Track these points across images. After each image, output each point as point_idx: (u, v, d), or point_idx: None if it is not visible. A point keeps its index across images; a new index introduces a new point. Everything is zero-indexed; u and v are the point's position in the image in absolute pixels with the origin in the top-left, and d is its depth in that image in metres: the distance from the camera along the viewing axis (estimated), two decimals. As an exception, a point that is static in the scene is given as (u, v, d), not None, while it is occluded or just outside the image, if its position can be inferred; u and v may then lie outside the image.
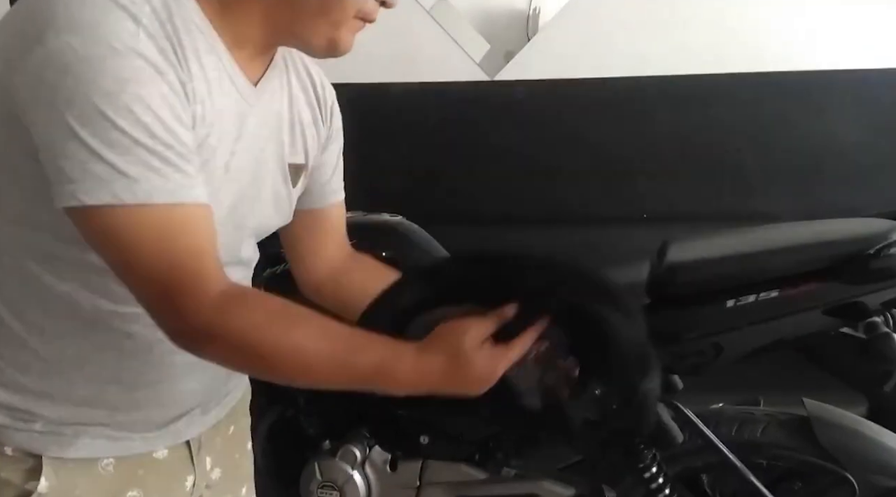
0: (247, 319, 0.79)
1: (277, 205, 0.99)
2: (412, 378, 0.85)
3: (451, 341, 0.86)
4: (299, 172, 1.01)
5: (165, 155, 0.75)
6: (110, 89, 0.72)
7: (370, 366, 0.83)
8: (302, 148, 1.01)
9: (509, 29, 2.74)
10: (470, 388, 0.86)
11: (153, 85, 0.75)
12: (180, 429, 0.98)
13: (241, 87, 0.88)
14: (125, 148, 0.73)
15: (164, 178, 0.75)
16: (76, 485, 0.90)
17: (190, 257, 0.78)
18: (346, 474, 1.59)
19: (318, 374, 0.83)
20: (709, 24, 2.32)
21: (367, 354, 0.83)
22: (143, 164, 0.74)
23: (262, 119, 0.92)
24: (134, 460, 0.95)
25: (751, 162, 2.28)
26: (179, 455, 1.00)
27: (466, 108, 2.36)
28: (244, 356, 0.82)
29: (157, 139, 0.75)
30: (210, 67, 0.83)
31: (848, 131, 2.23)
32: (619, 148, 2.33)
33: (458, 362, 0.85)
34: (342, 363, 0.83)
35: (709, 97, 2.30)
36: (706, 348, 1.32)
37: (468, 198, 2.36)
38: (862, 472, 1.42)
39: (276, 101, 0.96)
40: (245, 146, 0.89)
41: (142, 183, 0.74)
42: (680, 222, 2.15)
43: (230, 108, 0.86)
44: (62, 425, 0.89)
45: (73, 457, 0.90)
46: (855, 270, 1.23)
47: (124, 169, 0.73)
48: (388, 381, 0.84)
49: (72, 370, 0.89)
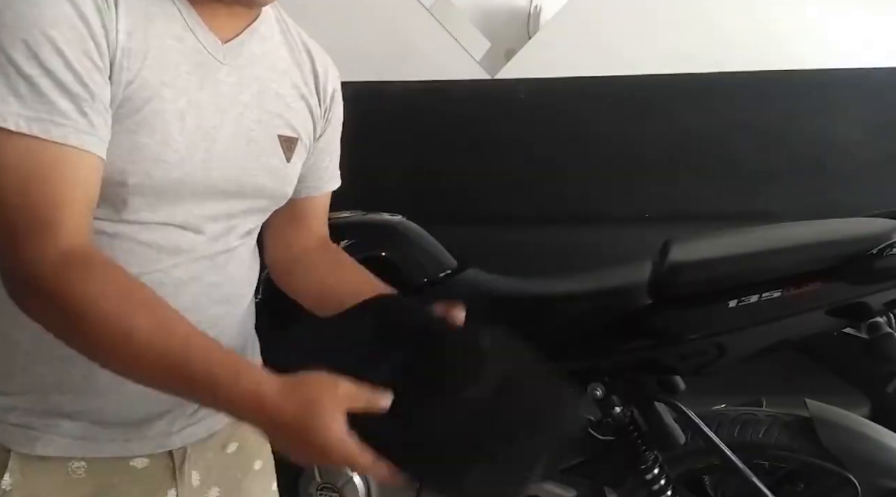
0: (85, 286, 0.74)
1: (270, 175, 0.96)
2: (250, 406, 0.74)
3: (310, 391, 0.74)
4: (292, 145, 0.98)
5: (38, 81, 0.73)
6: (10, 20, 0.72)
7: (204, 378, 0.74)
8: (292, 121, 0.98)
9: (510, 27, 2.74)
10: (304, 448, 0.75)
11: (50, 5, 0.74)
12: (159, 434, 0.94)
13: (203, 38, 0.87)
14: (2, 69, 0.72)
15: (25, 105, 0.73)
16: (41, 484, 0.88)
17: (45, 202, 0.74)
18: (345, 476, 1.58)
19: (145, 368, 0.76)
20: (709, 22, 2.32)
21: (205, 365, 0.75)
22: (8, 85, 0.72)
23: (239, 80, 0.91)
24: (108, 466, 0.91)
25: (753, 161, 2.28)
26: (160, 466, 0.95)
27: (467, 106, 2.35)
28: (66, 323, 0.75)
29: (36, 61, 0.73)
30: (154, 3, 0.82)
31: (850, 130, 2.23)
32: (620, 147, 2.32)
33: (308, 413, 0.73)
34: (172, 366, 0.74)
35: (710, 96, 2.30)
36: (709, 349, 1.32)
37: (468, 197, 2.35)
38: (864, 474, 1.41)
39: (258, 68, 0.94)
40: (215, 103, 0.88)
41: (10, 106, 0.72)
42: (682, 222, 2.15)
43: (185, 54, 0.85)
44: (33, 417, 0.87)
45: (40, 454, 0.87)
46: (858, 270, 1.22)
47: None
48: (221, 400, 0.75)
49: (30, 348, 0.86)
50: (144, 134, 0.81)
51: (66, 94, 0.75)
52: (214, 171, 0.88)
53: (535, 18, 2.74)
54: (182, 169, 0.84)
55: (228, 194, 0.92)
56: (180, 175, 0.85)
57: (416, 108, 2.32)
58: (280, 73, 0.97)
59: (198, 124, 0.86)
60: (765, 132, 2.27)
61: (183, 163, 0.84)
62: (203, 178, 0.87)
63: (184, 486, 0.98)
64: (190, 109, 0.85)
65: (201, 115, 0.86)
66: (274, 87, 0.96)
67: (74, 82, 0.75)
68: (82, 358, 0.82)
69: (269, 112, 0.95)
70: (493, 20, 2.73)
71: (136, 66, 0.80)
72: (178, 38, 0.84)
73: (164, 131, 0.82)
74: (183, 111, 0.84)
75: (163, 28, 0.83)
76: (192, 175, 0.86)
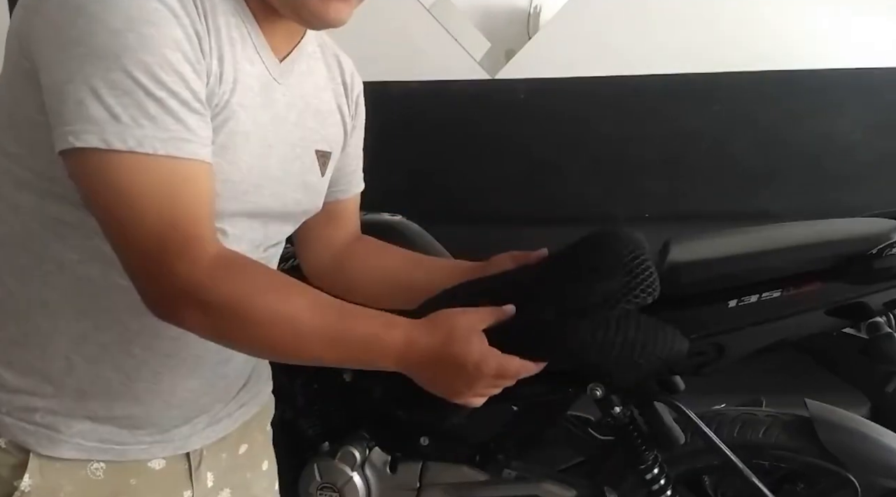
0: (241, 284, 0.77)
1: (307, 191, 0.97)
2: (402, 350, 0.82)
3: (447, 320, 0.84)
4: (326, 160, 1.00)
5: (167, 102, 0.73)
6: (118, 27, 0.71)
7: (361, 337, 0.81)
8: (328, 135, 1.00)
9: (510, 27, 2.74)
10: (458, 372, 0.83)
11: (166, 26, 0.73)
12: (182, 437, 0.95)
13: (266, 57, 0.87)
14: (124, 90, 0.71)
15: (158, 126, 0.73)
16: (61, 486, 0.88)
17: (188, 217, 0.75)
18: (345, 476, 1.58)
19: (311, 345, 0.80)
20: (710, 22, 2.31)
21: (359, 325, 0.81)
22: (139, 108, 0.72)
23: (290, 100, 0.91)
24: (126, 468, 0.91)
25: (752, 161, 2.28)
26: (177, 468, 0.96)
27: (467, 106, 2.35)
28: (234, 323, 0.77)
29: (161, 83, 0.73)
30: (233, 27, 0.82)
31: (851, 130, 2.23)
32: (620, 147, 2.32)
33: (450, 338, 0.82)
34: (335, 335, 0.80)
35: (710, 96, 2.30)
36: (708, 348, 1.31)
37: (468, 197, 2.36)
38: (864, 474, 1.41)
39: (304, 85, 0.95)
40: (273, 122, 0.88)
41: (133, 129, 0.72)
42: (681, 221, 2.14)
43: (255, 76, 0.85)
44: (58, 418, 0.87)
45: (62, 457, 0.87)
46: (858, 270, 1.22)
47: (118, 112, 0.71)
48: (377, 353, 0.82)
49: (71, 350, 0.86)
50: (223, 155, 0.82)
51: (191, 111, 0.76)
52: (265, 189, 0.89)
53: (535, 18, 2.74)
54: (241, 188, 0.85)
55: (272, 211, 0.93)
56: (239, 194, 0.86)
57: (416, 108, 2.32)
58: (321, 90, 0.98)
59: (259, 145, 0.87)
60: (765, 132, 2.28)
61: (242, 182, 0.85)
62: (255, 196, 0.88)
63: (199, 488, 0.98)
64: (255, 130, 0.86)
65: (262, 135, 0.87)
66: (315, 103, 0.97)
67: (194, 99, 0.76)
68: (122, 363, 0.86)
69: (310, 128, 0.96)
70: (493, 20, 2.73)
71: (222, 89, 0.81)
72: (251, 61, 0.85)
73: (235, 153, 0.83)
74: (249, 132, 0.85)
75: (240, 53, 0.84)
76: (247, 193, 0.87)
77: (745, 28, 2.30)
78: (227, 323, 0.77)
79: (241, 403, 1.03)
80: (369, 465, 1.60)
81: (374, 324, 0.82)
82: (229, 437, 1.02)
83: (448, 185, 2.35)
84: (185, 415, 0.94)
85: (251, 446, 1.08)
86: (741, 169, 2.29)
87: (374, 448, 1.61)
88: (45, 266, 0.83)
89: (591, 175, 2.33)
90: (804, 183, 2.26)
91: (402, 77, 2.31)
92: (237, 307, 0.76)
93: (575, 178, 2.34)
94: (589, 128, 2.32)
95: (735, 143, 2.28)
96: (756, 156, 2.27)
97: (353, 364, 0.84)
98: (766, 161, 2.28)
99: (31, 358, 0.86)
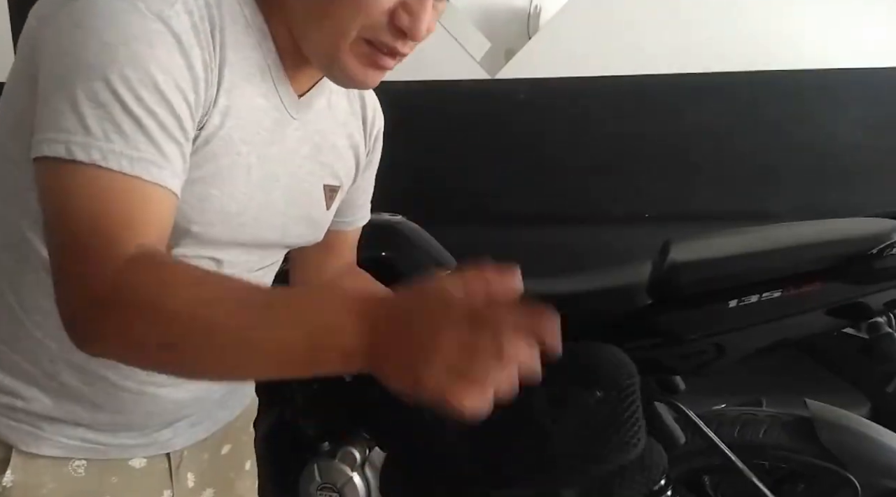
0: (155, 276, 0.66)
1: (309, 224, 0.96)
2: (357, 305, 0.59)
3: (419, 288, 0.59)
4: (334, 194, 0.99)
5: (144, 121, 0.69)
6: (110, 41, 0.69)
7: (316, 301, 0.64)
8: (339, 170, 0.98)
9: (510, 27, 2.74)
10: (418, 314, 0.57)
11: (162, 49, 0.71)
12: (163, 439, 0.95)
13: (284, 95, 0.86)
14: (102, 102, 0.68)
15: (129, 144, 0.69)
16: (43, 483, 0.88)
17: (115, 225, 0.67)
18: (345, 476, 1.58)
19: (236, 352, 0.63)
20: (710, 22, 2.31)
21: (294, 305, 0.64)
22: (113, 122, 0.68)
23: (304, 135, 0.90)
24: (108, 466, 0.92)
25: (753, 161, 2.28)
26: (157, 467, 0.96)
27: (467, 106, 2.35)
28: (145, 326, 0.64)
29: (140, 101, 0.69)
30: (253, 62, 0.81)
31: (851, 130, 2.23)
32: (620, 147, 2.32)
33: (410, 291, 0.59)
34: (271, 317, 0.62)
35: (711, 96, 2.30)
36: (708, 348, 1.32)
37: (469, 197, 2.35)
38: (864, 474, 1.41)
39: (321, 120, 0.93)
40: (280, 158, 0.87)
41: (101, 142, 0.68)
42: (682, 222, 2.14)
43: (266, 112, 0.84)
44: (42, 419, 0.87)
45: (44, 454, 0.87)
46: (858, 270, 1.22)
47: (90, 124, 0.68)
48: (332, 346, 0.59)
49: (59, 357, 0.85)
50: (216, 185, 0.80)
51: (169, 138, 0.72)
52: (264, 222, 0.88)
53: (535, 18, 2.74)
54: (239, 220, 0.84)
55: (269, 242, 0.92)
56: (235, 225, 0.84)
57: (416, 108, 2.31)
58: (339, 125, 0.97)
59: (260, 177, 0.85)
60: (765, 132, 2.28)
61: (240, 214, 0.84)
62: (253, 228, 0.87)
63: (179, 488, 0.98)
64: (258, 163, 0.84)
65: (265, 168, 0.85)
66: (332, 139, 0.95)
67: (176, 127, 0.72)
68: (108, 374, 0.85)
69: (322, 163, 0.94)
70: (493, 20, 2.73)
71: (224, 122, 0.79)
72: (265, 96, 0.83)
73: (232, 184, 0.81)
74: (251, 165, 0.83)
75: (255, 88, 0.82)
76: (244, 225, 0.85)
77: (745, 28, 2.30)
78: (140, 327, 0.65)
79: (223, 406, 1.03)
80: (369, 465, 1.60)
81: (324, 292, 0.75)
82: (212, 437, 1.02)
83: (448, 185, 2.35)
84: (167, 420, 0.94)
85: (235, 446, 1.07)
86: (741, 169, 2.29)
87: (374, 448, 1.61)
88: (41, 273, 0.83)
89: (592, 175, 2.33)
90: (805, 183, 2.26)
91: (401, 77, 2.29)
92: (145, 304, 0.64)
93: (575, 178, 2.34)
94: (589, 127, 2.32)
95: (735, 142, 2.28)
96: (756, 156, 2.27)
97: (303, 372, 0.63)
98: (767, 161, 2.28)
99: (19, 360, 0.86)
